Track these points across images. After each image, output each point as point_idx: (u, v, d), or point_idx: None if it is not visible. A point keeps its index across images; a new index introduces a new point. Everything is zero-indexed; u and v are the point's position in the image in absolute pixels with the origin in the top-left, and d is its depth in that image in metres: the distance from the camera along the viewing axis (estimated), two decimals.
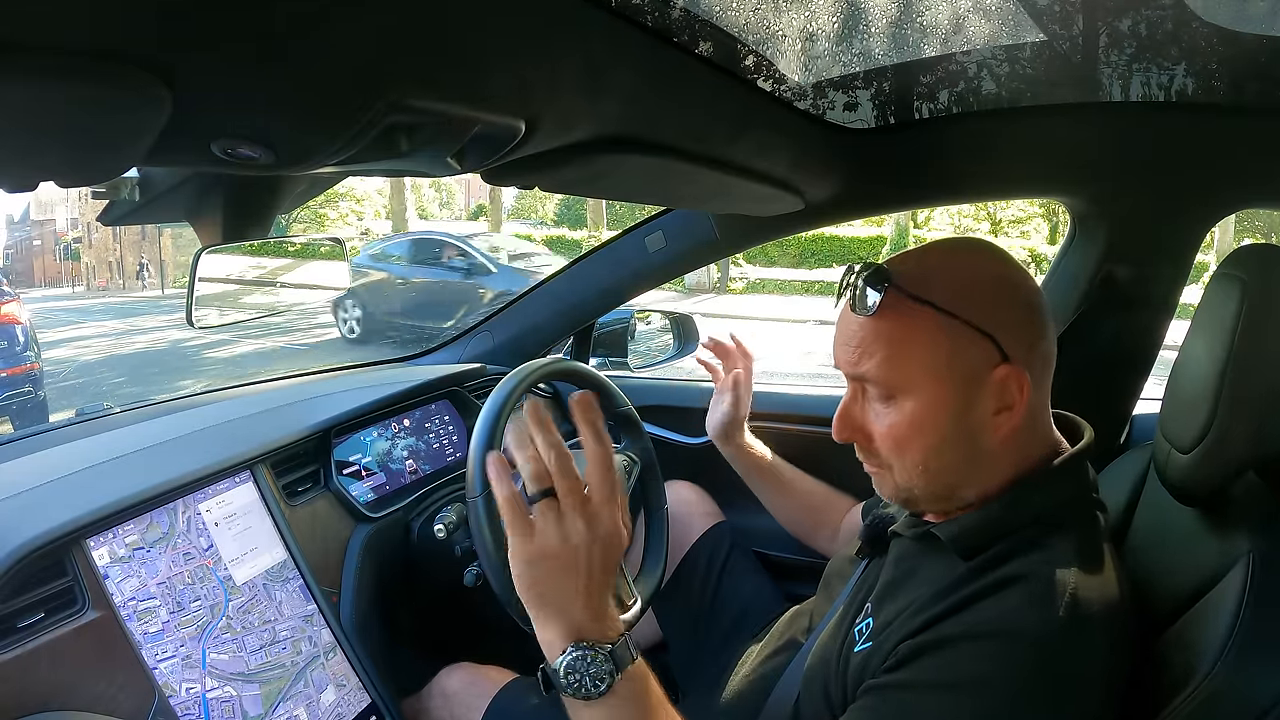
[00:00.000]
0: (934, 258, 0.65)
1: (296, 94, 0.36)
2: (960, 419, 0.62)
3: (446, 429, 1.19)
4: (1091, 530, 0.62)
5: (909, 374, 0.62)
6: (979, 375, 0.61)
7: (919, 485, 0.65)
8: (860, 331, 0.63)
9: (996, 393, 0.61)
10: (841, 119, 0.91)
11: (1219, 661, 0.54)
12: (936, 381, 0.61)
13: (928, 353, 0.61)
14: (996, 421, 0.62)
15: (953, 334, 0.61)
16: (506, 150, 0.50)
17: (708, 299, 11.12)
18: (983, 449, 0.63)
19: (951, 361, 0.61)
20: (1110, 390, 1.03)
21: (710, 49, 0.67)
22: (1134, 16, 0.76)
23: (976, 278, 0.63)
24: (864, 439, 0.66)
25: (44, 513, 0.68)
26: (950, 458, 0.63)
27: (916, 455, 0.63)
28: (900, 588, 0.66)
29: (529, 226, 18.28)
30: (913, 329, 0.61)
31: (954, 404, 0.61)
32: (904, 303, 0.61)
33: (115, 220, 0.75)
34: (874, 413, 0.65)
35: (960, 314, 0.61)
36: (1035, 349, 0.63)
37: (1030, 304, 0.63)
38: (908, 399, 0.62)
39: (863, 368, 0.63)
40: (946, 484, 0.64)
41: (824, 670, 0.69)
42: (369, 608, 0.93)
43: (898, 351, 0.61)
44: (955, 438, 0.62)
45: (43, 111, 0.30)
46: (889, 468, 0.66)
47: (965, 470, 0.64)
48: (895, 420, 0.63)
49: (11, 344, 4.65)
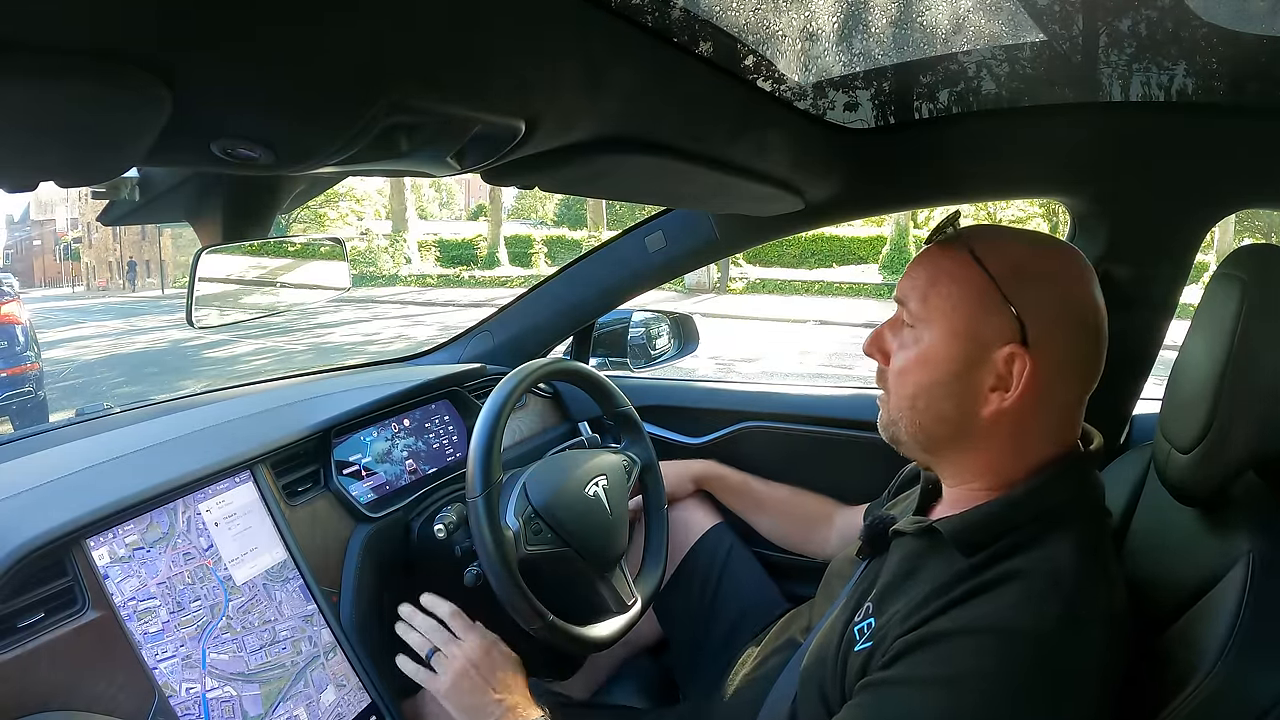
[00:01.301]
0: (1011, 232, 0.68)
1: (296, 94, 0.36)
2: (959, 376, 0.64)
3: (446, 429, 1.19)
4: (1093, 530, 0.62)
5: (931, 310, 0.66)
6: (989, 343, 0.63)
7: (904, 420, 0.68)
8: (920, 262, 0.68)
9: (997, 368, 0.63)
10: (841, 119, 0.91)
11: (1219, 661, 0.54)
12: (950, 329, 0.64)
13: (958, 300, 0.64)
14: (989, 397, 0.63)
15: (983, 295, 0.63)
16: (506, 150, 0.50)
17: (708, 299, 11.13)
18: (969, 416, 0.65)
19: (972, 318, 0.64)
20: (1110, 390, 1.02)
21: (710, 49, 0.67)
22: (1134, 16, 0.76)
23: (1034, 262, 0.64)
24: (882, 359, 0.71)
25: (44, 513, 0.68)
26: (938, 406, 0.66)
27: (909, 388, 0.67)
28: (901, 586, 0.66)
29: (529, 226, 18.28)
30: (954, 274, 0.65)
31: (957, 357, 0.64)
32: (957, 247, 0.66)
33: (115, 220, 0.75)
34: (900, 340, 0.69)
35: (1000, 283, 0.63)
36: (1058, 348, 0.63)
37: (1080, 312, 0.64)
38: (927, 333, 0.66)
39: (905, 292, 0.68)
40: (928, 432, 0.67)
41: (820, 670, 0.69)
42: (369, 608, 0.93)
43: (932, 288, 0.66)
44: (948, 389, 0.65)
45: (43, 111, 0.30)
46: (888, 394, 0.70)
47: (949, 431, 0.66)
48: (911, 350, 0.67)
49: (11, 344, 4.66)
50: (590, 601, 0.97)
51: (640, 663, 1.17)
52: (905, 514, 0.76)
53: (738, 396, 1.33)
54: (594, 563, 0.96)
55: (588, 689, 1.17)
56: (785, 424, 1.28)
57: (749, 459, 1.26)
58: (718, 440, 1.32)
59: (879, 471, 0.96)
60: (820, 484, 1.18)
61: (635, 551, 1.08)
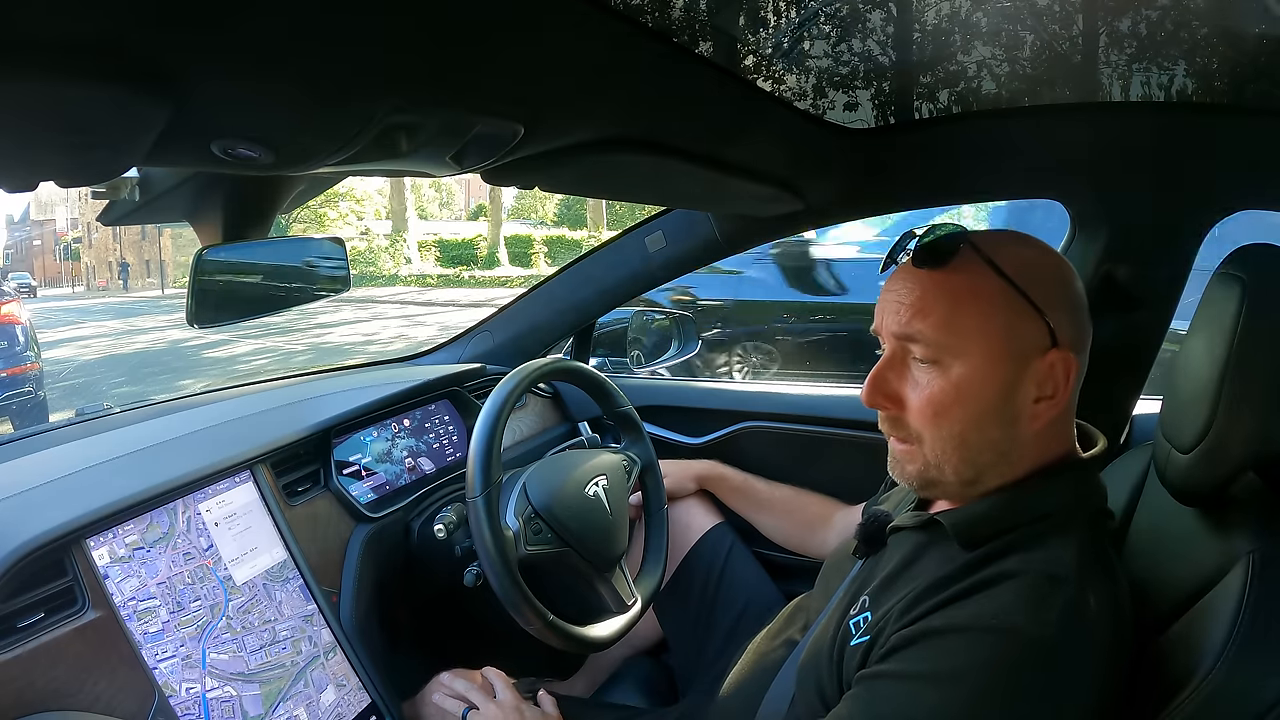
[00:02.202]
0: (1004, 234, 0.65)
1: (296, 94, 0.36)
2: (1005, 396, 0.60)
3: (446, 429, 1.19)
4: (1095, 533, 0.62)
5: (964, 336, 0.60)
6: (1029, 355, 0.60)
7: (950, 462, 0.62)
8: (919, 288, 0.61)
9: (1041, 378, 0.61)
10: (841, 119, 0.91)
11: (1219, 661, 0.54)
12: (989, 350, 0.59)
13: (987, 318, 0.60)
14: (1036, 409, 0.61)
15: (1014, 306, 0.60)
16: (506, 150, 0.50)
17: None
18: (1018, 435, 0.61)
19: (1008, 333, 0.60)
20: (1110, 390, 1.03)
21: (710, 49, 0.67)
22: (1134, 16, 0.76)
23: (1043, 260, 0.63)
24: (895, 406, 0.63)
25: (44, 513, 0.68)
26: (989, 435, 0.61)
27: (955, 426, 0.61)
28: (899, 579, 0.66)
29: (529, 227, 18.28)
30: (977, 291, 0.60)
31: (1002, 378, 0.60)
32: (975, 262, 0.60)
33: (115, 220, 0.75)
34: (913, 379, 0.62)
35: (1024, 288, 0.60)
36: (1084, 345, 0.63)
37: (1083, 303, 0.64)
38: (956, 363, 0.60)
39: (915, 326, 0.61)
40: (977, 465, 0.62)
41: (817, 665, 0.69)
42: (369, 608, 0.93)
43: (958, 311, 0.60)
44: (996, 414, 0.60)
45: (43, 111, 0.30)
46: (918, 441, 0.63)
47: (998, 453, 0.62)
48: (940, 385, 0.60)
49: (11, 344, 4.65)
50: (590, 601, 0.97)
51: (640, 663, 1.17)
52: (901, 508, 0.76)
53: (738, 396, 1.33)
54: (594, 563, 0.96)
55: (588, 689, 1.17)
56: (785, 424, 1.28)
57: (749, 459, 1.26)
58: (718, 440, 1.32)
59: (879, 471, 0.95)
60: (820, 484, 1.18)
61: (635, 551, 1.08)
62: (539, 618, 0.87)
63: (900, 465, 0.66)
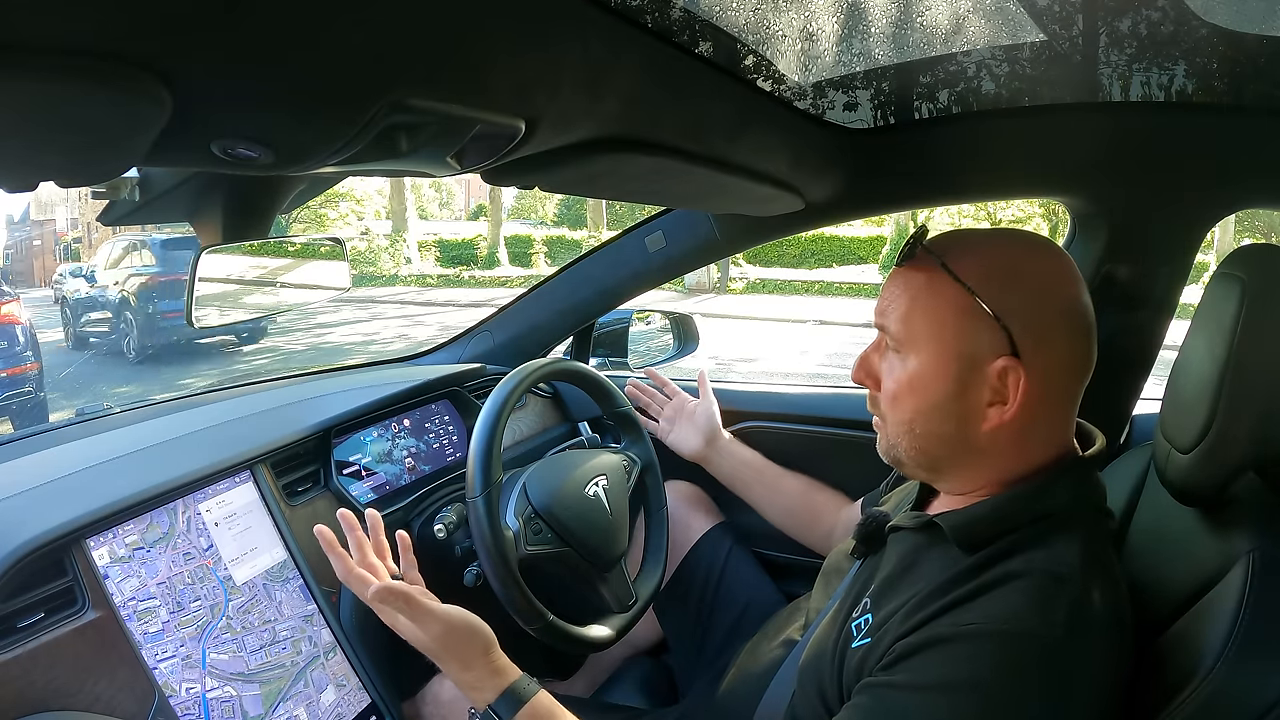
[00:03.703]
0: (980, 237, 0.66)
1: (296, 94, 0.36)
2: (955, 397, 0.63)
3: (446, 429, 1.19)
4: (1095, 533, 0.62)
5: (916, 333, 0.64)
6: (979, 359, 0.61)
7: (903, 444, 0.67)
8: (894, 284, 0.67)
9: (992, 382, 0.61)
10: (841, 119, 0.91)
11: (1219, 661, 0.54)
12: (938, 349, 0.63)
13: (935, 318, 0.63)
14: (988, 413, 0.62)
15: (965, 309, 0.62)
16: (506, 150, 0.50)
17: (708, 299, 11.12)
18: (970, 436, 0.63)
19: (957, 335, 0.62)
20: (1110, 390, 1.03)
21: (710, 49, 0.67)
22: (1134, 16, 0.76)
23: (1013, 267, 0.63)
24: (873, 385, 0.69)
25: (44, 513, 0.68)
26: (937, 428, 0.64)
27: (905, 414, 0.66)
28: (900, 582, 0.66)
29: (529, 226, 18.28)
30: (930, 291, 0.63)
31: (950, 377, 0.63)
32: (930, 264, 0.64)
33: (115, 220, 0.75)
34: (887, 364, 0.67)
35: (979, 293, 0.61)
36: (1051, 352, 0.61)
37: (1067, 310, 0.62)
38: (911, 357, 0.64)
39: (886, 318, 0.66)
40: (930, 455, 0.66)
41: (818, 667, 0.69)
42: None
43: (912, 309, 0.64)
44: (945, 411, 0.64)
45: (43, 111, 0.30)
46: (884, 420, 0.68)
47: (951, 450, 0.65)
48: (898, 375, 0.66)
49: (11, 344, 4.66)
50: (590, 601, 0.98)
51: (640, 663, 1.17)
52: (900, 509, 0.76)
53: (738, 396, 1.33)
54: (594, 563, 0.96)
55: (588, 689, 1.17)
56: (785, 424, 1.28)
57: None
58: None
59: (879, 471, 0.95)
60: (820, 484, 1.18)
61: (635, 551, 1.08)
62: (539, 618, 0.87)
63: (878, 437, 0.70)
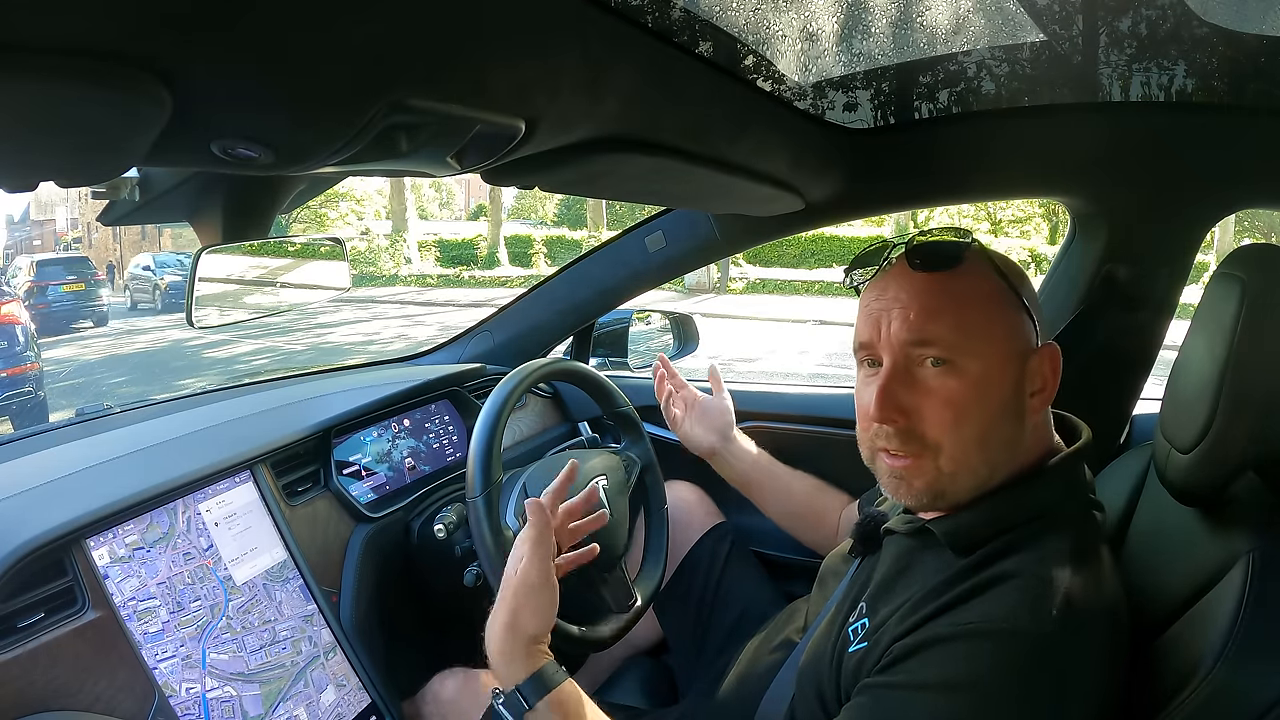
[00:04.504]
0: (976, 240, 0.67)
1: (296, 94, 0.36)
2: (1015, 393, 0.61)
3: (446, 429, 1.19)
4: (1087, 529, 0.62)
5: (976, 336, 0.60)
6: (1026, 351, 0.63)
7: (968, 466, 0.60)
8: (926, 292, 0.61)
9: (1033, 372, 0.63)
10: (841, 119, 0.91)
11: (1219, 661, 0.54)
12: (999, 348, 0.61)
13: (994, 318, 0.62)
14: (1032, 403, 0.63)
15: (1013, 306, 0.63)
16: (506, 150, 0.50)
17: (708, 299, 11.12)
18: (1023, 430, 0.63)
19: (1010, 331, 0.62)
20: (1110, 390, 1.03)
21: (710, 49, 0.67)
22: (1134, 16, 0.76)
23: (1005, 260, 0.66)
24: (906, 419, 0.61)
25: (44, 513, 0.68)
26: (1005, 432, 0.61)
27: (976, 427, 0.60)
28: (895, 586, 0.66)
29: (529, 226, 18.28)
30: (986, 291, 0.62)
31: (1012, 375, 0.61)
32: (981, 264, 0.63)
33: (115, 220, 0.75)
34: (924, 387, 0.60)
35: (1016, 287, 0.63)
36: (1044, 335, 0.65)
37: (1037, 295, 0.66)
38: (973, 363, 0.60)
39: (929, 329, 0.60)
40: (992, 463, 0.61)
41: (817, 669, 0.69)
42: (369, 608, 0.93)
43: (968, 311, 0.60)
44: (1011, 411, 0.61)
45: (43, 111, 0.30)
46: (933, 450, 0.61)
47: (1010, 450, 0.62)
48: (957, 386, 0.59)
49: (11, 344, 4.67)
50: (590, 601, 0.97)
51: (640, 663, 1.17)
52: (895, 510, 0.76)
53: (738, 396, 1.33)
54: (594, 563, 0.96)
55: (588, 689, 1.16)
56: (785, 424, 1.28)
57: None
58: None
59: None
60: None
61: (635, 551, 1.08)
62: None
63: (906, 483, 0.62)
